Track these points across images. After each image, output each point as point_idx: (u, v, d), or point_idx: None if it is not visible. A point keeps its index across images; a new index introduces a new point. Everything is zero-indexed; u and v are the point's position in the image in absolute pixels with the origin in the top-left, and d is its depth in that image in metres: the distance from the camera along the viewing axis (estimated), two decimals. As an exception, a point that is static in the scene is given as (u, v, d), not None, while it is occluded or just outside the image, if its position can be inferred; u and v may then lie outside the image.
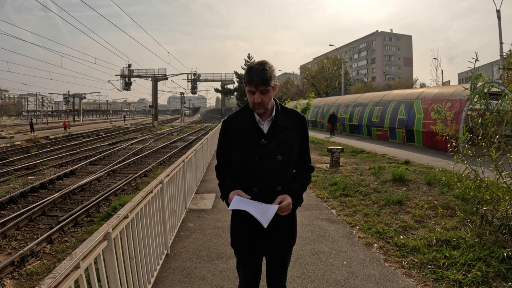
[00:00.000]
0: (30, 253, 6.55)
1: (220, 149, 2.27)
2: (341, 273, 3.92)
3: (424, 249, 4.42)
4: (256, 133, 2.11)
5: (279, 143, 2.10)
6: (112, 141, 28.00)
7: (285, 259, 2.33)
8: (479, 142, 4.66)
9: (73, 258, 1.96)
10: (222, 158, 2.28)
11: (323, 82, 62.22)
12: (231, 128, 2.19)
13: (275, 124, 2.13)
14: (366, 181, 8.66)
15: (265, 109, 2.08)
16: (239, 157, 2.14)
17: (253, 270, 2.32)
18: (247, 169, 2.11)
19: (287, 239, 2.23)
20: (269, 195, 2.09)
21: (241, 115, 2.19)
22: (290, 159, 2.16)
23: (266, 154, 2.08)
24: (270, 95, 2.07)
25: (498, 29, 23.17)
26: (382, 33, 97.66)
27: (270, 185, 2.10)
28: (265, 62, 2.03)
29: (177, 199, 5.41)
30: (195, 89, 57.54)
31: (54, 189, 11.88)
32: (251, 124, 2.13)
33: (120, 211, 2.93)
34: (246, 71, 2.05)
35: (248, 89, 2.06)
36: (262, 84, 1.99)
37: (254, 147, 2.09)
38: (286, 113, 2.20)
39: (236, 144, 2.14)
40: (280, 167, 2.11)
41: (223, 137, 2.24)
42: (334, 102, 29.95)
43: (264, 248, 2.18)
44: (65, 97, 73.72)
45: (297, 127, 2.19)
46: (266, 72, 1.99)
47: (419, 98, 17.74)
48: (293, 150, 2.17)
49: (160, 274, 3.92)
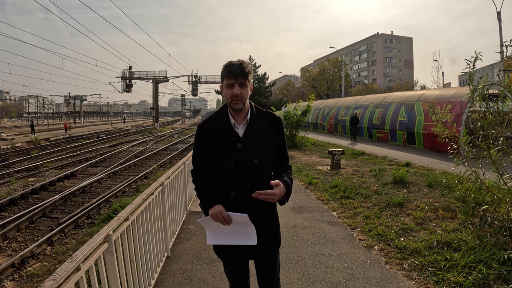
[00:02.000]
0: (31, 255, 6.55)
1: (196, 154, 2.25)
2: (341, 276, 3.91)
3: (425, 251, 4.42)
4: (231, 137, 2.08)
5: (255, 146, 2.08)
6: (112, 143, 28.01)
7: (272, 263, 2.28)
8: (480, 144, 4.66)
9: (73, 260, 1.97)
10: (198, 163, 2.25)
11: (324, 84, 62.34)
12: (205, 132, 2.17)
13: (251, 127, 2.10)
14: (367, 183, 8.66)
15: (243, 104, 2.06)
16: (215, 162, 2.12)
17: (240, 273, 2.31)
18: (223, 174, 2.09)
19: (270, 241, 2.19)
20: (246, 199, 2.04)
21: (215, 119, 2.18)
22: (267, 162, 2.13)
23: (242, 158, 2.05)
24: (248, 91, 2.07)
25: (498, 31, 23.24)
26: (383, 35, 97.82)
27: (248, 189, 2.03)
28: (243, 61, 2.07)
29: (177, 201, 5.41)
30: (196, 91, 57.57)
31: (54, 190, 11.89)
32: (226, 128, 2.10)
33: (120, 213, 2.93)
34: (225, 66, 2.06)
35: (226, 83, 2.05)
36: (241, 76, 2.01)
37: (230, 151, 2.06)
38: (262, 115, 2.18)
39: (212, 148, 2.12)
40: (257, 171, 2.07)
41: (198, 142, 2.21)
42: (334, 104, 29.95)
43: (246, 252, 2.14)
44: (66, 99, 73.76)
45: (273, 129, 2.17)
46: (245, 66, 2.03)
47: (419, 100, 17.74)
48: (270, 153, 2.14)
49: (161, 276, 3.92)
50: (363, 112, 23.11)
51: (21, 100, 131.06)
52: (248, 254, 2.17)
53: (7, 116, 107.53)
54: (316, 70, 67.86)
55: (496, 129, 4.43)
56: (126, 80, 54.45)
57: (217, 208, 2.03)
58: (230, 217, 2.01)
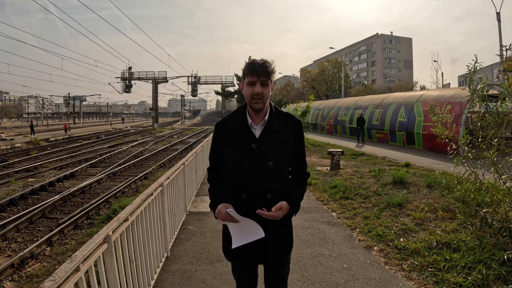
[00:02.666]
0: (30, 255, 6.55)
1: (212, 152, 2.23)
2: (341, 276, 3.91)
3: (424, 252, 4.42)
4: (247, 137, 2.03)
5: (270, 148, 2.02)
6: (112, 144, 28.00)
7: (282, 267, 2.22)
8: (480, 144, 4.66)
9: (73, 261, 1.96)
10: (214, 161, 2.23)
11: (323, 85, 62.38)
12: (222, 131, 2.14)
13: (268, 129, 2.05)
14: (366, 184, 8.66)
15: (263, 105, 2.01)
16: (229, 162, 2.09)
17: (248, 277, 2.26)
18: (236, 174, 2.05)
19: (282, 246, 2.14)
20: (258, 202, 2.00)
21: (233, 118, 2.14)
22: (282, 166, 2.07)
23: (257, 159, 2.00)
24: (269, 91, 2.02)
25: (498, 31, 23.26)
26: (382, 36, 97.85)
27: (260, 192, 2.01)
28: (266, 60, 2.02)
29: (177, 202, 5.41)
30: (196, 92, 57.60)
31: (54, 191, 11.88)
32: (243, 128, 2.06)
33: (120, 213, 2.93)
34: (248, 64, 2.01)
35: (248, 81, 2.00)
36: (264, 75, 1.96)
37: (244, 152, 2.01)
38: (281, 117, 2.12)
39: (227, 148, 2.08)
40: (271, 174, 2.02)
41: (215, 141, 2.19)
42: (334, 104, 29.96)
43: (257, 256, 2.10)
44: (66, 99, 73.75)
45: (291, 132, 2.11)
46: (268, 65, 1.99)
47: (419, 101, 17.75)
48: (286, 156, 2.08)
49: (160, 277, 3.92)
50: (362, 112, 23.11)
51: (21, 100, 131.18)
52: (258, 259, 2.12)
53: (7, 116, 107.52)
54: (316, 70, 67.89)
55: (495, 129, 4.44)
56: (126, 81, 54.49)
57: (219, 207, 2.01)
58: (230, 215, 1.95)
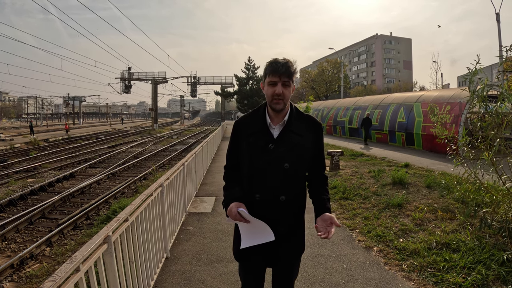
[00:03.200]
0: (30, 255, 6.54)
1: (230, 150, 2.20)
2: (341, 277, 3.91)
3: (424, 252, 4.42)
4: (265, 137, 2.00)
5: (287, 150, 1.97)
6: (111, 144, 28.00)
7: (292, 271, 2.19)
8: (479, 145, 4.66)
9: (73, 261, 1.96)
10: (231, 160, 2.19)
11: (323, 85, 62.41)
12: (240, 129, 2.11)
13: (286, 130, 2.00)
14: (366, 184, 8.66)
15: (283, 105, 1.97)
16: (245, 161, 2.06)
17: (254, 278, 2.20)
18: (251, 174, 2.02)
19: (295, 248, 2.12)
20: (271, 203, 1.98)
21: (252, 117, 2.11)
22: (299, 168, 2.03)
23: (273, 160, 1.96)
24: (290, 91, 1.97)
25: (497, 32, 23.28)
26: (382, 36, 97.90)
27: (274, 193, 1.98)
28: (289, 59, 1.98)
29: (177, 202, 5.41)
30: (195, 92, 57.63)
31: (53, 191, 11.88)
32: (261, 127, 2.02)
33: (120, 214, 2.93)
34: (270, 63, 1.97)
35: (269, 80, 1.96)
36: (286, 75, 1.92)
37: (261, 151, 1.98)
38: (301, 118, 2.07)
39: (244, 146, 2.05)
40: (286, 176, 1.98)
41: (233, 139, 2.16)
42: (333, 105, 29.98)
43: (267, 258, 2.08)
44: (65, 100, 73.74)
45: (311, 135, 2.06)
46: (290, 65, 1.95)
47: (418, 101, 17.77)
48: (303, 159, 2.04)
49: (160, 278, 3.92)
50: (362, 113, 23.12)
51: (20, 100, 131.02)
52: (267, 261, 2.10)
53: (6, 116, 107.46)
54: (315, 71, 67.93)
55: (495, 130, 4.44)
56: (125, 81, 54.48)
57: (231, 206, 1.96)
58: (241, 215, 1.91)
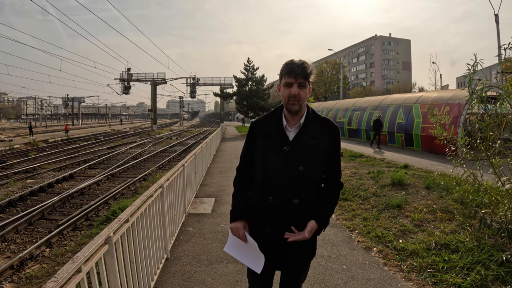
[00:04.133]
0: (29, 256, 6.54)
1: (244, 151, 2.20)
2: (340, 277, 3.93)
3: (423, 252, 4.43)
4: (280, 139, 1.99)
5: (303, 152, 1.95)
6: (111, 145, 27.98)
7: (300, 275, 2.16)
8: (478, 145, 4.68)
9: (75, 262, 1.97)
10: (244, 161, 2.20)
11: (322, 86, 62.45)
12: (256, 131, 2.10)
13: (302, 132, 1.99)
14: (365, 185, 8.67)
15: (299, 107, 1.96)
16: (259, 162, 2.04)
17: (263, 282, 2.19)
18: (265, 176, 2.00)
19: (305, 253, 2.09)
20: (284, 206, 1.97)
21: (269, 118, 2.10)
22: (314, 172, 2.01)
23: (287, 163, 1.95)
24: (306, 93, 1.96)
25: (496, 33, 23.33)
26: (381, 37, 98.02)
27: (287, 196, 1.96)
28: (305, 61, 1.97)
29: (176, 203, 5.42)
30: (194, 93, 57.62)
31: (53, 192, 11.87)
32: (277, 129, 2.01)
33: (121, 215, 2.94)
34: (286, 64, 1.96)
35: (285, 82, 1.95)
36: (302, 76, 1.91)
37: (276, 154, 1.97)
38: (318, 121, 2.05)
39: (259, 148, 2.04)
40: (300, 179, 1.95)
41: (248, 140, 2.16)
42: (333, 106, 30.01)
43: (280, 263, 2.06)
44: (64, 101, 73.65)
45: (327, 138, 2.02)
46: (306, 66, 1.94)
47: (418, 102, 17.79)
48: (318, 163, 2.01)
49: (160, 278, 3.93)
50: (361, 114, 23.18)
51: (19, 101, 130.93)
52: (277, 265, 2.08)
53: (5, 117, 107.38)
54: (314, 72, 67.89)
55: (494, 131, 4.46)
56: (125, 82, 54.44)
57: (238, 224, 2.02)
58: (246, 237, 1.99)
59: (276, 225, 1.98)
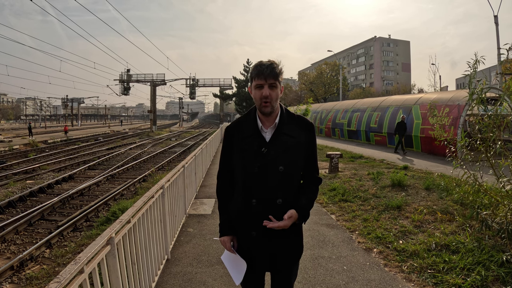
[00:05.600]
0: (30, 257, 6.54)
1: (223, 156, 2.19)
2: (341, 278, 3.93)
3: (424, 253, 4.44)
4: (257, 141, 1.98)
5: (281, 152, 1.96)
6: (110, 146, 27.98)
7: (290, 275, 2.17)
8: (478, 146, 4.69)
9: (77, 263, 1.98)
10: (224, 166, 2.19)
11: (322, 88, 62.43)
12: (232, 135, 2.10)
13: (279, 132, 2.00)
14: (365, 187, 8.68)
15: (272, 108, 1.97)
16: (238, 166, 2.04)
17: (256, 284, 2.20)
18: (246, 179, 2.01)
19: (292, 255, 2.10)
20: (268, 207, 1.96)
21: (244, 121, 2.10)
22: (294, 170, 2.03)
23: (267, 164, 1.95)
24: (277, 93, 1.98)
25: (495, 34, 23.35)
26: (380, 39, 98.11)
27: (270, 197, 1.96)
28: (273, 61, 1.99)
29: (177, 204, 5.43)
30: (194, 94, 57.66)
31: (53, 193, 11.86)
32: (253, 131, 2.01)
33: (122, 215, 2.95)
34: (255, 66, 1.98)
35: (256, 84, 1.96)
36: (272, 76, 1.92)
37: (254, 156, 1.97)
38: (292, 120, 2.06)
39: (237, 151, 2.04)
40: (281, 179, 1.97)
41: (225, 144, 2.15)
42: (332, 107, 30.03)
43: (267, 264, 2.06)
44: (64, 102, 73.69)
45: (303, 136, 2.04)
46: (275, 66, 1.95)
47: (417, 104, 17.82)
48: (297, 161, 2.03)
49: (161, 279, 3.93)
50: (360, 115, 23.19)
51: (19, 102, 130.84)
52: (268, 267, 2.08)
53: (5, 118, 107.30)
54: (314, 73, 67.97)
55: (494, 132, 4.47)
56: (124, 83, 54.46)
57: (224, 239, 2.10)
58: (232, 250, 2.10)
59: (262, 227, 1.97)
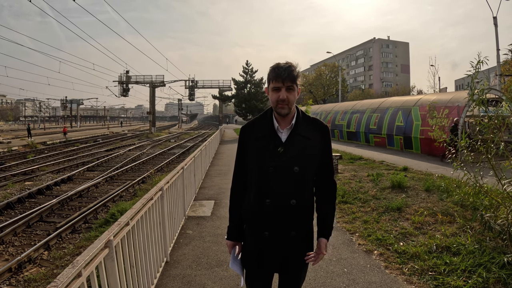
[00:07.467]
0: (28, 259, 6.49)
1: (238, 157, 2.18)
2: (342, 280, 3.90)
3: (424, 255, 4.42)
4: (273, 141, 1.98)
5: (297, 153, 1.97)
6: (109, 147, 27.94)
7: (299, 278, 2.17)
8: (479, 148, 4.67)
9: (75, 266, 1.95)
10: (239, 167, 2.19)
11: (321, 89, 62.45)
12: (247, 134, 2.10)
13: (295, 133, 2.00)
14: (365, 188, 8.66)
15: (288, 110, 1.97)
16: (253, 166, 2.04)
17: (263, 285, 2.18)
18: (260, 179, 2.00)
19: (304, 257, 2.08)
20: (282, 208, 1.96)
21: (259, 121, 2.10)
22: (308, 171, 2.02)
23: (282, 164, 1.95)
24: (295, 96, 1.97)
25: (494, 35, 23.35)
26: (379, 40, 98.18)
27: (284, 198, 1.96)
28: (291, 63, 1.97)
29: (176, 206, 5.40)
30: (193, 96, 57.55)
31: (51, 195, 11.81)
32: (269, 131, 2.01)
33: (121, 218, 2.92)
34: (272, 68, 1.97)
35: (273, 86, 1.96)
36: (289, 79, 1.92)
37: (270, 155, 1.97)
38: (308, 121, 2.07)
39: (252, 151, 2.04)
40: (296, 179, 1.96)
41: (240, 144, 2.15)
42: (331, 109, 30.03)
43: (277, 265, 2.06)
44: (63, 103, 73.69)
45: (318, 138, 2.05)
46: (293, 69, 1.94)
47: (416, 105, 17.81)
48: (313, 162, 2.03)
49: (160, 282, 3.90)
50: (360, 117, 23.18)
51: (18, 103, 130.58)
52: (277, 268, 2.08)
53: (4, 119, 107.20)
54: (313, 75, 67.97)
55: (495, 133, 4.45)
56: (123, 84, 54.36)
57: (228, 243, 2.26)
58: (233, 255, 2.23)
59: (275, 227, 1.98)
